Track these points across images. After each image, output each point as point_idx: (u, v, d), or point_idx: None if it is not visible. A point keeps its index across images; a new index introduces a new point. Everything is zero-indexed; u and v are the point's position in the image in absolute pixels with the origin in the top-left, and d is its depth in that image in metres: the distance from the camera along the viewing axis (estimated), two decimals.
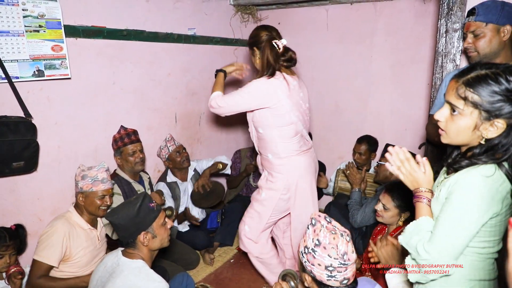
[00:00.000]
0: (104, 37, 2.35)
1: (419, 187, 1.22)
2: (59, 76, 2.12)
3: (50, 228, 1.92)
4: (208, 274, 2.74)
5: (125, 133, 2.46)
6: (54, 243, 1.87)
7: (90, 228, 2.05)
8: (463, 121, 1.10)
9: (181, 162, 2.83)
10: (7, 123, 1.86)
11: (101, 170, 2.02)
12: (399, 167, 1.24)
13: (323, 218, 1.35)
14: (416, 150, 2.91)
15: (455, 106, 1.11)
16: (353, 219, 2.58)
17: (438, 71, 2.04)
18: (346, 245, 1.27)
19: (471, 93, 1.07)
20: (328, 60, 3.45)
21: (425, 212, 1.20)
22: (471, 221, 1.08)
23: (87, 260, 2.02)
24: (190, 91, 3.15)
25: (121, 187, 2.41)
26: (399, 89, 3.21)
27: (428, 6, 2.90)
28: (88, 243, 2.02)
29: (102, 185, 2.01)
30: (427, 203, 1.20)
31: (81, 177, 1.98)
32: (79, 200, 2.00)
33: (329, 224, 1.33)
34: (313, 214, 1.37)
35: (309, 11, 3.46)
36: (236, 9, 3.49)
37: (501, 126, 1.06)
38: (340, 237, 1.28)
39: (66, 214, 2.01)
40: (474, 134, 1.10)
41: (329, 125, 3.61)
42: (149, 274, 1.47)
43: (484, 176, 1.07)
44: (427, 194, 1.21)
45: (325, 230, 1.30)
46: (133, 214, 1.50)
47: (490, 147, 1.09)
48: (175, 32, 2.87)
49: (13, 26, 1.89)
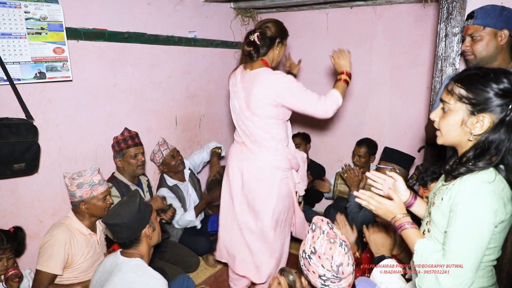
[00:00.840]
0: (105, 39, 2.36)
1: (395, 215, 1.25)
2: (61, 78, 2.12)
3: (51, 237, 1.89)
4: (208, 276, 2.74)
5: (128, 135, 2.44)
6: (56, 252, 1.86)
7: (90, 233, 2.04)
8: (452, 117, 1.14)
9: (176, 166, 2.80)
10: (9, 125, 1.87)
11: (95, 174, 2.00)
12: (368, 205, 1.31)
13: (325, 224, 1.29)
14: (415, 153, 2.94)
15: (445, 102, 1.16)
16: (353, 222, 2.59)
17: (437, 75, 2.05)
18: (343, 256, 1.22)
19: (458, 87, 1.12)
20: (328, 63, 3.45)
21: (415, 236, 1.20)
22: (484, 232, 1.07)
23: (88, 265, 2.01)
24: (190, 93, 3.16)
25: (119, 190, 2.38)
26: (398, 92, 3.23)
27: (427, 10, 2.92)
28: (88, 249, 2.01)
29: (101, 187, 2.00)
30: (411, 226, 1.22)
31: (76, 187, 1.93)
32: (82, 209, 1.97)
33: (330, 230, 1.27)
34: (315, 219, 1.32)
35: (309, 15, 3.48)
36: (236, 12, 3.51)
37: (487, 121, 1.08)
38: (338, 247, 1.22)
39: (65, 221, 1.98)
40: (463, 131, 1.13)
41: (328, 128, 3.63)
42: (148, 271, 1.48)
43: (486, 182, 1.07)
44: (406, 219, 1.24)
45: (323, 238, 1.24)
46: (136, 211, 1.52)
47: (482, 149, 1.11)
48: (176, 35, 2.89)
49: (15, 29, 1.90)
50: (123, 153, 2.41)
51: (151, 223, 1.59)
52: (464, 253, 1.07)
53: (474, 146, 1.13)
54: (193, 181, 3.02)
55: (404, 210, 1.27)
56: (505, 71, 1.10)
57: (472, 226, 1.07)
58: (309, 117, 2.37)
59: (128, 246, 1.54)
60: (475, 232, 1.07)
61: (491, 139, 1.09)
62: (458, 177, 1.14)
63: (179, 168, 2.83)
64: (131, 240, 1.53)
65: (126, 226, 1.50)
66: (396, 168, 2.67)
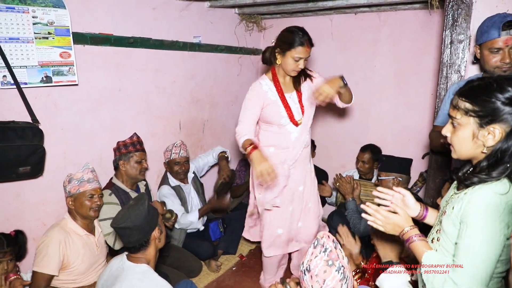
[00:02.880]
0: (111, 44, 2.38)
1: (403, 228, 1.24)
2: (67, 82, 2.14)
3: (45, 238, 1.90)
4: (210, 281, 2.73)
5: (137, 140, 2.47)
6: (50, 252, 1.86)
7: (86, 234, 2.04)
8: (462, 132, 1.13)
9: (176, 173, 2.82)
10: (15, 128, 1.88)
11: (86, 171, 2.02)
12: (374, 221, 1.28)
13: (331, 241, 1.18)
14: (419, 160, 2.93)
15: (453, 118, 1.15)
16: (355, 228, 2.57)
17: (442, 82, 2.05)
18: (336, 282, 1.11)
19: (462, 101, 1.11)
20: (332, 68, 3.46)
21: (423, 248, 1.19)
22: (496, 245, 1.05)
23: (85, 267, 2.00)
24: (195, 98, 3.17)
25: (118, 197, 2.34)
26: (402, 99, 3.22)
27: (432, 16, 2.93)
28: (85, 250, 2.00)
29: (89, 185, 2.00)
30: (419, 239, 1.21)
31: (68, 182, 2.00)
32: (69, 204, 2.00)
33: (334, 249, 1.16)
34: (320, 234, 1.23)
35: (313, 20, 3.49)
36: (241, 18, 3.53)
37: (498, 132, 1.07)
38: (334, 271, 1.12)
39: (61, 222, 2.00)
40: (475, 144, 1.11)
41: (331, 134, 3.62)
42: (154, 279, 1.47)
43: (498, 194, 1.06)
44: (414, 231, 1.23)
45: (321, 258, 1.14)
46: (146, 213, 1.51)
47: (495, 159, 1.09)
48: (181, 40, 2.90)
49: (22, 33, 1.92)
50: (129, 157, 2.40)
51: (159, 225, 1.60)
52: (474, 266, 1.06)
53: (487, 156, 1.11)
54: (196, 185, 3.03)
55: (411, 222, 1.26)
56: (507, 78, 1.08)
57: (483, 239, 1.05)
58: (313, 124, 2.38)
59: (137, 250, 1.53)
60: (486, 245, 1.05)
61: (504, 148, 1.07)
62: (471, 186, 1.12)
63: (178, 176, 2.85)
64: (141, 243, 1.52)
65: (137, 228, 1.49)
66: (398, 177, 2.63)
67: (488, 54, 1.61)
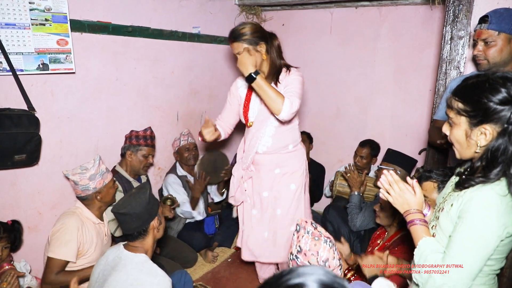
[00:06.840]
0: (109, 32, 2.35)
1: (410, 208, 1.22)
2: (64, 70, 2.11)
3: (63, 225, 1.91)
4: (205, 272, 2.74)
5: (150, 134, 2.53)
6: (70, 239, 1.88)
7: (99, 222, 2.07)
8: (456, 131, 1.14)
9: (187, 159, 2.89)
10: (11, 115, 1.86)
11: (101, 163, 2.05)
12: (388, 189, 1.26)
13: (309, 224, 1.31)
14: (416, 156, 2.93)
15: (449, 117, 1.16)
16: (352, 222, 2.59)
17: (441, 78, 2.05)
18: (328, 251, 1.24)
19: (455, 101, 1.12)
20: (331, 63, 3.46)
21: (422, 233, 1.19)
22: (489, 244, 1.06)
23: (97, 255, 2.01)
24: (193, 90, 3.15)
25: (122, 184, 2.40)
26: (400, 94, 3.22)
27: (433, 12, 2.91)
28: (97, 239, 2.03)
29: (109, 174, 2.09)
30: (421, 223, 1.20)
31: (89, 179, 1.95)
32: (97, 199, 2.01)
33: (314, 230, 1.29)
34: (299, 221, 1.34)
35: (313, 13, 3.46)
36: (241, 9, 3.49)
37: (489, 132, 1.07)
38: (323, 243, 1.25)
39: (76, 210, 2.00)
40: (469, 143, 1.12)
41: (329, 128, 3.62)
42: (152, 269, 1.47)
43: (500, 195, 1.06)
44: (419, 215, 1.21)
45: (308, 237, 1.26)
46: (146, 201, 1.53)
47: (487, 160, 1.09)
48: (180, 30, 2.87)
49: (19, 19, 1.89)
50: (138, 149, 2.47)
51: (159, 216, 1.62)
52: (464, 258, 1.07)
53: (481, 156, 1.11)
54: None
55: (421, 207, 1.24)
56: (503, 77, 1.06)
57: (478, 235, 1.06)
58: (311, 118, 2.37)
59: (135, 238, 1.53)
60: (479, 241, 1.06)
61: (494, 148, 1.07)
62: (470, 187, 1.12)
63: (189, 162, 2.91)
64: (139, 232, 1.53)
65: (137, 216, 1.50)
66: (397, 170, 2.66)
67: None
